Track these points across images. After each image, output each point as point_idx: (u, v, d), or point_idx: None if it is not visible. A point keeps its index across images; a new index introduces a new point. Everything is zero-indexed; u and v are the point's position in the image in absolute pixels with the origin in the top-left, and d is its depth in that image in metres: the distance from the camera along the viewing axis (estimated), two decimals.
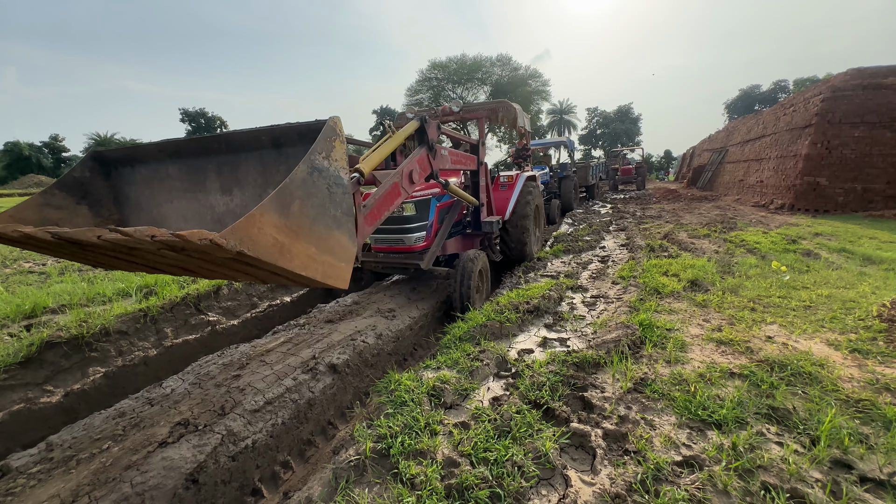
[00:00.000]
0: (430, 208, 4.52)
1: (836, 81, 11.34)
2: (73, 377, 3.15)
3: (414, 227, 4.42)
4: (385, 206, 2.76)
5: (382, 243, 4.65)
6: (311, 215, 1.66)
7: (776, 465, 1.82)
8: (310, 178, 1.65)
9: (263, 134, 2.23)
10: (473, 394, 2.49)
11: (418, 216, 4.41)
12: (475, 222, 5.29)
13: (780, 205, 12.12)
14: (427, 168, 3.34)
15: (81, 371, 3.20)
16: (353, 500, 1.68)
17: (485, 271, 4.69)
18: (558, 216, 12.33)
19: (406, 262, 4.36)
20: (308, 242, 1.64)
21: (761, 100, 51.22)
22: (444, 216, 4.79)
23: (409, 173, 3.02)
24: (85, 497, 1.83)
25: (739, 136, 18.69)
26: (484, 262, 4.61)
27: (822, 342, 3.05)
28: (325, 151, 1.75)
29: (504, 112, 5.67)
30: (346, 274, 1.92)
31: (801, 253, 5.99)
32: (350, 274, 1.96)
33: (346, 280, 1.91)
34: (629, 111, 57.74)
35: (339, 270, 1.86)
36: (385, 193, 2.77)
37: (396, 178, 2.89)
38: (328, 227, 1.77)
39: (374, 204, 2.66)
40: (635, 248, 6.73)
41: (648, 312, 3.55)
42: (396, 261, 4.44)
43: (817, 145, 11.28)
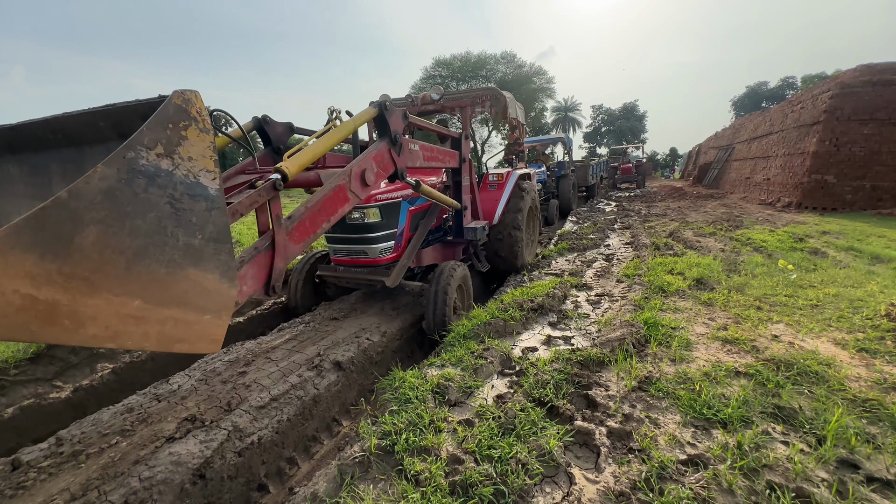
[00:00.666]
0: (401, 213, 3.87)
1: (845, 78, 11.20)
2: (81, 373, 3.19)
3: (379, 237, 3.70)
4: (322, 215, 2.18)
5: (341, 254, 3.93)
6: (132, 249, 1.11)
7: (782, 464, 1.81)
8: (126, 190, 1.08)
9: (101, 118, 1.58)
10: (478, 391, 2.50)
11: (384, 223, 3.70)
12: (457, 228, 4.50)
13: (787, 203, 12.01)
14: (389, 166, 2.75)
15: (90, 367, 3.24)
16: (358, 496, 1.69)
17: (466, 286, 4.07)
18: (556, 217, 11.90)
19: (369, 279, 3.72)
20: (123, 294, 1.10)
21: (769, 97, 50.72)
22: (417, 222, 4.17)
23: (361, 173, 2.42)
24: (94, 491, 1.85)
25: (746, 133, 18.52)
26: (464, 275, 3.98)
27: (829, 341, 3.03)
28: (162, 145, 1.17)
29: (492, 101, 4.90)
30: (216, 331, 1.34)
31: (809, 251, 5.94)
32: (224, 330, 1.36)
33: (215, 340, 1.34)
34: (634, 108, 57.37)
35: (201, 328, 1.30)
36: (323, 200, 2.18)
37: (341, 179, 2.29)
38: (173, 265, 1.20)
39: (305, 215, 2.07)
40: (640, 246, 6.70)
41: (653, 311, 3.54)
42: (358, 276, 3.81)
43: (825, 142, 11.16)
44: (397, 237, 3.85)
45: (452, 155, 4.07)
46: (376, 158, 2.61)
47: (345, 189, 2.34)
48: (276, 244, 1.89)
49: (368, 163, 2.51)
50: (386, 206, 3.69)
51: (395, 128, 2.77)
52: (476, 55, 35.31)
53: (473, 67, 34.81)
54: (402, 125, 2.85)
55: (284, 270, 1.96)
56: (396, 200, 3.79)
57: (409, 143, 2.97)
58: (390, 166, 2.78)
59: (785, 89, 50.10)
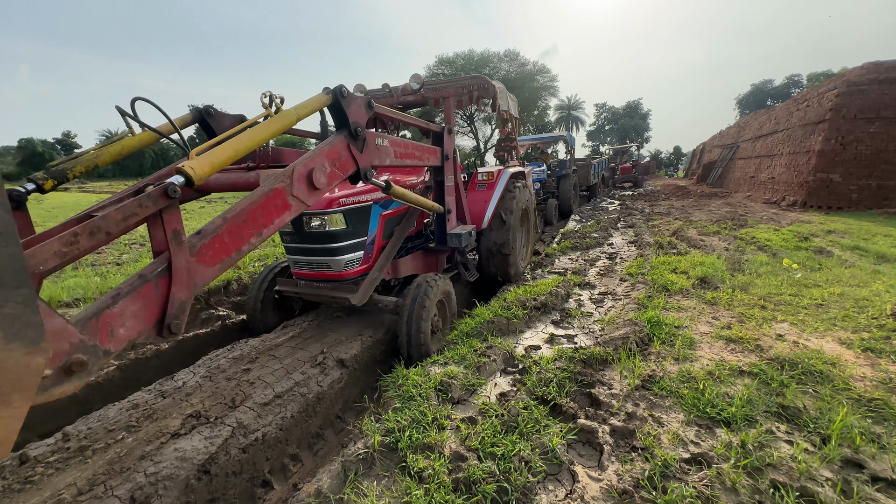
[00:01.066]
0: (371, 219, 3.38)
1: (851, 76, 11.11)
2: None
3: (344, 247, 3.18)
4: (249, 228, 1.72)
5: (301, 267, 3.39)
6: None
7: (786, 463, 1.81)
8: None
9: None
10: (481, 389, 2.50)
11: (351, 231, 3.19)
12: (439, 234, 4.00)
13: (791, 202, 11.94)
14: (348, 164, 2.28)
15: None
16: (361, 493, 1.70)
17: (448, 302, 3.61)
18: (555, 217, 11.41)
19: (332, 296, 3.23)
20: None
21: (774, 95, 50.38)
22: (393, 228, 3.66)
23: (308, 174, 1.95)
24: (101, 486, 1.87)
25: (751, 131, 18.41)
26: (445, 289, 3.51)
27: (834, 341, 3.01)
28: None
29: (480, 91, 4.32)
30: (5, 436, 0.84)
31: (813, 250, 5.91)
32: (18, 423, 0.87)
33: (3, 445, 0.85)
34: (638, 107, 57.13)
35: None
36: (250, 209, 1.71)
37: (279, 181, 1.83)
38: None
39: (223, 228, 1.62)
40: (644, 244, 6.69)
41: (657, 310, 3.53)
42: (320, 292, 3.31)
43: (831, 141, 11.08)
44: (367, 246, 3.36)
45: (433, 152, 3.54)
46: (330, 155, 2.14)
47: (284, 194, 1.86)
48: (175, 269, 1.48)
49: (318, 161, 2.05)
50: (353, 210, 3.17)
51: (356, 119, 2.30)
52: (479, 53, 35.24)
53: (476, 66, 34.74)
54: (366, 116, 2.38)
55: (190, 302, 1.57)
56: (366, 204, 3.30)
57: (375, 137, 2.50)
58: (349, 165, 2.28)
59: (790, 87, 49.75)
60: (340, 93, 2.22)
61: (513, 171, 5.22)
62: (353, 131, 2.28)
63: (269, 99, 2.17)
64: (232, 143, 1.76)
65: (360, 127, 2.32)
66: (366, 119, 2.38)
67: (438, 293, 3.33)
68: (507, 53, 35.85)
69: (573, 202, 12.41)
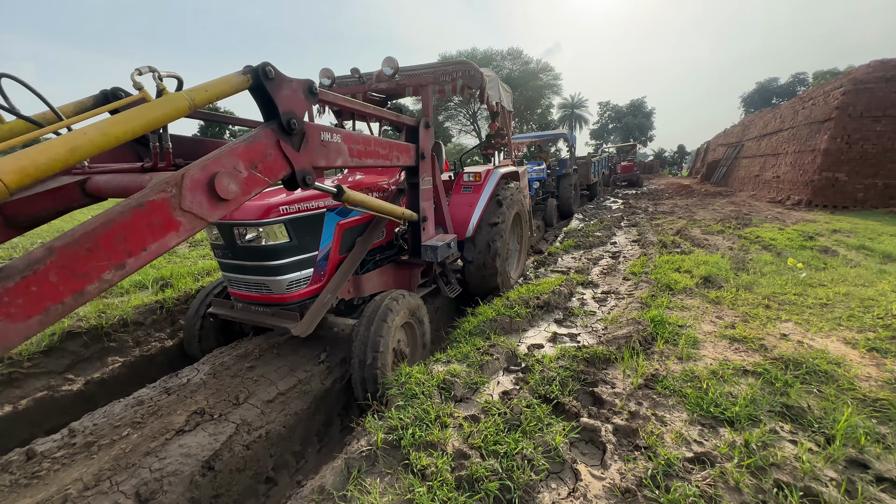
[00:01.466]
0: (324, 229, 2.86)
1: (857, 74, 11.01)
2: (92, 366, 3.23)
3: (286, 265, 2.65)
4: (104, 259, 1.20)
5: (237, 286, 2.85)
6: None
7: (790, 463, 1.80)
8: None
9: None
10: (483, 387, 2.50)
11: (296, 245, 2.67)
12: (413, 245, 3.44)
13: (797, 201, 11.86)
14: (278, 166, 1.77)
15: (101, 360, 3.29)
16: (364, 490, 1.71)
17: (419, 324, 3.05)
18: (555, 218, 10.73)
19: (271, 323, 2.75)
20: None
21: (779, 93, 50.01)
22: (353, 239, 3.13)
23: (210, 180, 1.46)
24: (107, 481, 1.89)
25: (756, 130, 18.29)
26: (413, 308, 2.94)
27: (839, 340, 3.00)
28: None
29: (466, 79, 3.71)
30: None
31: (819, 250, 5.88)
32: None
33: None
34: (642, 105, 56.84)
35: None
36: (106, 230, 1.21)
37: (159, 192, 1.34)
38: None
39: (49, 262, 1.09)
40: (647, 244, 6.67)
41: (660, 309, 3.52)
42: (257, 318, 2.80)
43: (837, 139, 10.99)
44: (319, 263, 2.83)
45: (405, 149, 2.98)
46: (247, 155, 1.63)
47: (166, 208, 1.35)
48: None
49: (227, 162, 1.53)
50: (299, 220, 2.65)
51: (291, 108, 1.80)
52: (482, 52, 35.22)
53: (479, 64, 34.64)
54: (306, 104, 1.90)
55: None
56: (317, 212, 2.77)
57: (320, 131, 2.02)
58: (280, 166, 1.79)
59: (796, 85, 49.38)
60: (264, 72, 1.69)
61: (504, 172, 4.71)
62: (285, 124, 1.78)
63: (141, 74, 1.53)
64: (66, 140, 1.21)
65: (294, 118, 1.80)
66: (305, 108, 1.90)
67: (403, 314, 2.79)
68: (511, 52, 35.79)
69: (573, 202, 11.95)
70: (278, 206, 2.57)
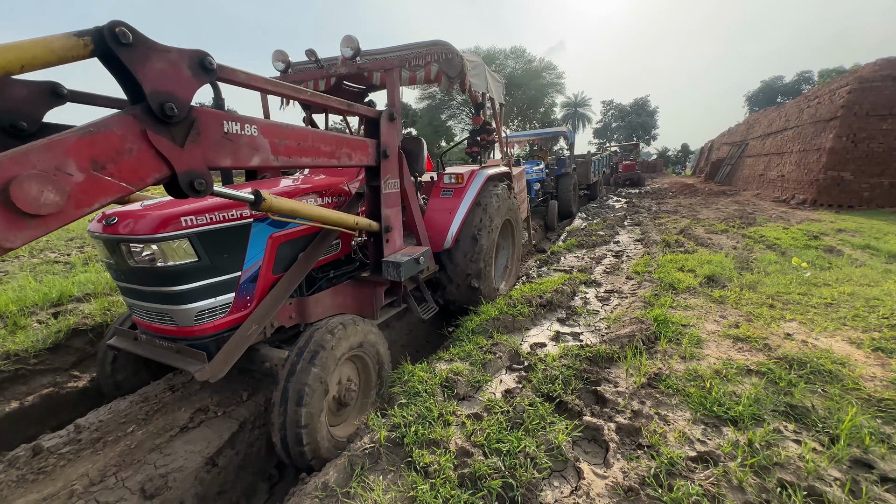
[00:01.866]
0: (252, 244, 2.25)
1: (864, 72, 10.93)
2: None
3: (195, 290, 2.04)
4: None
5: (140, 314, 2.23)
6: None
7: (793, 462, 1.80)
8: None
9: None
10: (486, 386, 2.51)
11: (209, 265, 2.06)
12: (374, 260, 2.87)
13: (801, 200, 11.80)
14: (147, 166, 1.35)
15: None
16: (368, 487, 1.72)
17: (374, 357, 2.46)
18: (556, 221, 10.01)
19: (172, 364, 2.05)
20: None
21: (784, 91, 49.66)
22: (293, 254, 2.52)
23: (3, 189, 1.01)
24: (112, 477, 1.90)
25: (760, 129, 18.18)
26: (362, 338, 2.35)
27: (844, 340, 2.98)
28: None
29: (442, 63, 3.21)
30: None
31: (823, 249, 5.84)
32: None
33: None
34: (646, 104, 56.58)
35: None
36: None
37: None
38: None
39: None
40: (650, 243, 6.65)
41: (663, 308, 3.51)
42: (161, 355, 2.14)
43: (842, 138, 10.91)
44: (243, 286, 2.22)
45: (360, 146, 2.45)
46: (88, 150, 1.20)
47: None
48: None
49: (42, 160, 1.10)
50: (211, 234, 2.04)
51: (166, 87, 1.35)
52: (485, 50, 35.14)
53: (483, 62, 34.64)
54: (192, 83, 1.43)
55: None
56: (240, 223, 2.17)
57: (221, 120, 1.54)
58: (150, 166, 1.35)
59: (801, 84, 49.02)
60: (113, 36, 1.20)
61: (491, 173, 4.12)
62: (156, 108, 1.32)
63: None
64: None
65: (172, 102, 1.35)
66: (192, 88, 1.43)
67: (345, 347, 2.20)
68: (514, 50, 35.71)
69: (573, 203, 11.36)
70: (179, 217, 1.92)
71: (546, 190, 10.97)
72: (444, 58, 3.22)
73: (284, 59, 3.27)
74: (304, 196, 2.61)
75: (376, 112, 2.64)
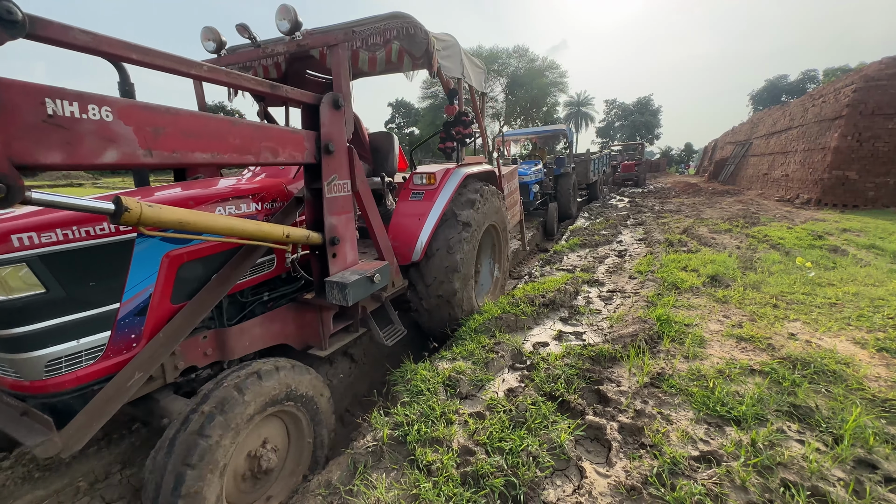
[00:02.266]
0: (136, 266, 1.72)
1: (869, 71, 10.85)
2: None
3: (38, 333, 1.49)
4: None
5: None
6: None
7: (797, 462, 1.79)
8: None
9: None
10: (489, 385, 2.51)
11: (62, 297, 1.53)
12: (319, 280, 2.34)
13: (806, 199, 11.73)
14: None
15: None
16: (371, 485, 1.72)
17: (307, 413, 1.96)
18: (556, 225, 9.41)
19: (10, 430, 1.49)
20: None
21: (789, 90, 49.39)
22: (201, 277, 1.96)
23: None
24: (118, 475, 1.92)
25: (764, 128, 18.09)
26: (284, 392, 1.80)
27: (848, 340, 2.97)
28: None
29: (404, 40, 2.72)
30: None
31: (828, 249, 5.81)
32: None
33: None
34: (649, 103, 56.43)
35: None
36: None
37: None
38: None
39: None
40: (653, 242, 6.63)
41: (666, 307, 3.51)
42: None
43: (848, 137, 10.85)
44: (124, 321, 1.70)
45: (291, 140, 1.98)
46: None
47: None
48: None
49: None
50: (64, 255, 1.53)
51: None
52: (488, 49, 35.11)
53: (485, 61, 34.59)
54: None
55: None
56: (114, 239, 1.65)
57: (42, 96, 1.14)
58: None
59: (806, 83, 48.74)
60: None
61: (471, 172, 3.61)
62: None
63: None
64: None
65: None
66: None
67: (257, 406, 1.68)
68: (517, 49, 35.66)
69: (573, 204, 10.91)
70: (8, 235, 1.40)
71: (545, 191, 10.54)
72: (406, 33, 2.66)
73: (216, 37, 2.71)
74: (222, 203, 2.00)
75: (314, 97, 2.09)
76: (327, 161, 2.15)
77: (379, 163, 2.76)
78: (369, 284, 2.26)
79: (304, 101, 2.09)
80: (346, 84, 2.37)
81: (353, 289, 2.10)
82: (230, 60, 2.93)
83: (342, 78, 2.36)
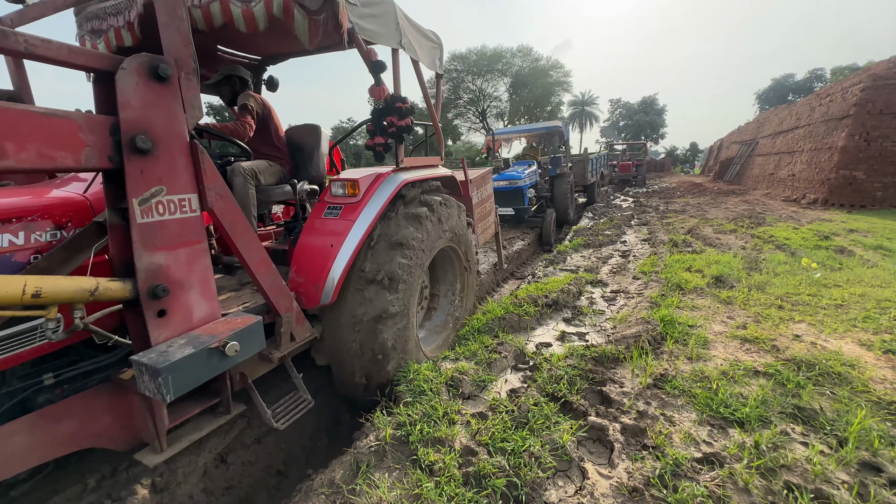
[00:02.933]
0: None
1: (877, 70, 10.74)
2: None
3: None
4: None
5: None
6: None
7: (800, 465, 1.79)
8: None
9: None
10: (491, 385, 2.52)
11: None
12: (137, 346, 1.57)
13: (812, 199, 11.63)
14: None
15: None
16: (373, 484, 1.73)
17: None
18: (554, 233, 8.56)
19: None
20: None
21: (795, 89, 48.92)
22: None
23: None
24: (124, 473, 1.94)
25: (771, 127, 17.96)
26: None
27: (854, 342, 2.95)
28: None
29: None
30: None
31: (834, 250, 5.76)
32: None
33: None
34: (654, 102, 56.11)
35: None
36: None
37: None
38: None
39: None
40: (657, 242, 6.60)
41: (670, 308, 3.49)
42: None
43: (855, 137, 10.74)
44: None
45: (50, 128, 1.22)
46: None
47: None
48: None
49: None
50: None
51: None
52: (492, 49, 35.08)
53: (489, 61, 34.58)
54: None
55: None
56: None
57: None
58: None
59: (813, 82, 48.25)
60: None
61: (412, 178, 2.73)
62: None
63: None
64: None
65: None
66: None
67: None
68: (521, 49, 35.62)
69: (570, 207, 10.04)
70: None
71: (540, 194, 9.48)
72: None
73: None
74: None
75: (111, 61, 1.35)
76: (138, 165, 1.41)
77: (301, 165, 2.19)
78: (212, 362, 1.47)
79: (92, 65, 1.32)
80: (185, 49, 1.54)
81: (174, 374, 1.34)
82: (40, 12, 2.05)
83: (176, 40, 1.51)
